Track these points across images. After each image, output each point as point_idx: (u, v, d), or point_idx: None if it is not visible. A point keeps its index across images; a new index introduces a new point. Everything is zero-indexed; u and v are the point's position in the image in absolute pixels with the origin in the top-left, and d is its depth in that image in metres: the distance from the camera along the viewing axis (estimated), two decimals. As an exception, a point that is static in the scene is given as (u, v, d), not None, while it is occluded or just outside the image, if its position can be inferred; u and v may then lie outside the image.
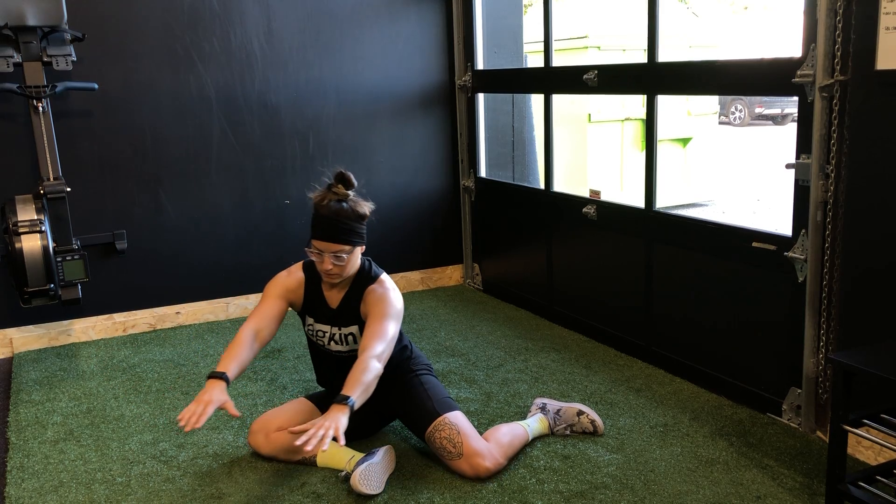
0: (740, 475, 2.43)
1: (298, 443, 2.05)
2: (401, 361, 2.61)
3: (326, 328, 2.55)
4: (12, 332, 3.73)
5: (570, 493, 2.35)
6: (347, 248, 2.39)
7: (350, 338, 2.53)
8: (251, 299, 4.20)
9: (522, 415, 2.88)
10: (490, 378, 3.24)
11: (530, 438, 2.64)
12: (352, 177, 2.46)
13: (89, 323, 3.87)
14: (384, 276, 2.52)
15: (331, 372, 2.61)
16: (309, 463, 2.54)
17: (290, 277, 2.59)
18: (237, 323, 4.06)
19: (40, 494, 2.45)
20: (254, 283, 4.20)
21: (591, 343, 3.64)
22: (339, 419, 2.11)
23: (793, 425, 2.73)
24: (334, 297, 2.53)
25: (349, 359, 2.46)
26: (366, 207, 2.47)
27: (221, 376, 2.28)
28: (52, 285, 3.23)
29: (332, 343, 2.55)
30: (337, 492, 2.40)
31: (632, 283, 3.40)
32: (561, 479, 2.43)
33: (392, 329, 2.40)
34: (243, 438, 2.77)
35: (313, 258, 2.42)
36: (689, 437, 2.68)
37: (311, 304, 2.57)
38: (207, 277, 4.09)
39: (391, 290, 2.47)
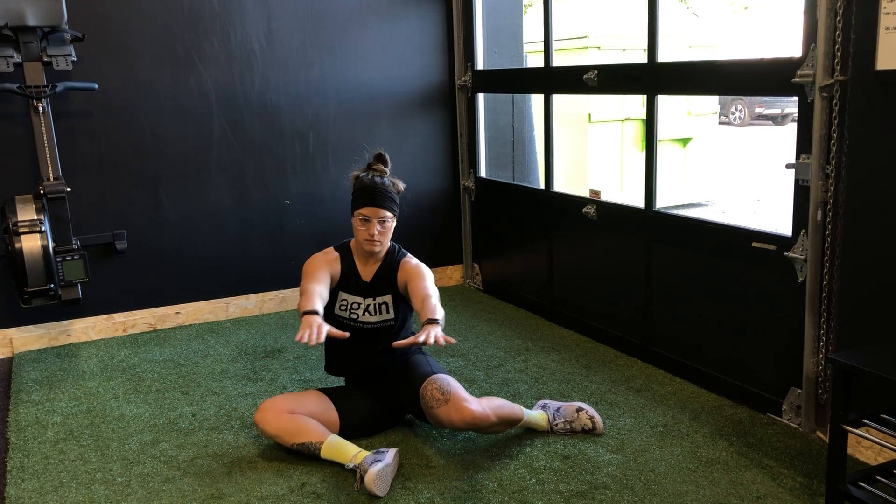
0: (740, 475, 2.43)
1: (421, 339, 2.22)
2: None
3: (360, 299, 2.70)
4: (12, 332, 3.73)
5: (570, 493, 2.36)
6: (391, 214, 2.64)
7: (383, 307, 2.70)
8: (251, 299, 4.20)
9: (522, 415, 2.88)
10: (490, 378, 3.24)
11: (524, 418, 2.66)
12: (388, 157, 2.76)
13: (89, 323, 3.87)
14: (411, 255, 2.77)
15: (359, 348, 2.70)
16: (312, 454, 2.53)
17: (327, 255, 2.73)
18: (237, 323, 4.06)
19: (40, 494, 2.45)
20: (254, 283, 4.20)
21: (591, 343, 3.64)
22: (437, 328, 2.29)
23: (793, 425, 2.73)
24: (367, 271, 2.72)
25: (379, 331, 2.69)
26: (401, 184, 2.73)
27: (315, 312, 2.37)
28: (52, 285, 3.23)
29: (365, 314, 2.70)
30: (337, 492, 2.40)
31: (632, 283, 3.40)
32: (561, 479, 2.43)
33: (436, 291, 2.59)
34: (243, 438, 2.77)
35: (359, 227, 2.62)
36: (689, 437, 2.68)
37: (345, 278, 2.71)
38: (207, 277, 4.09)
39: (423, 264, 2.71)
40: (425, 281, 2.60)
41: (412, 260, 2.72)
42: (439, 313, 2.41)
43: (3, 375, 3.47)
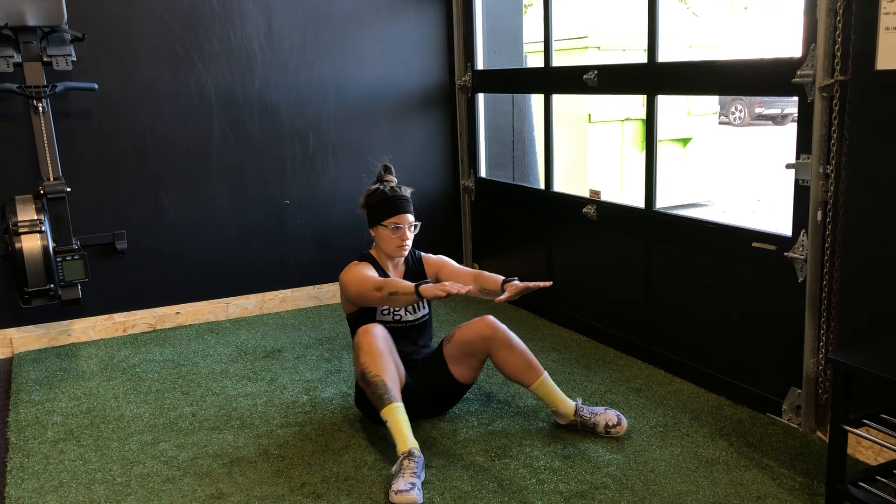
0: (740, 475, 2.43)
1: (532, 285, 2.52)
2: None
3: None
4: (12, 332, 3.73)
5: (570, 493, 2.35)
6: (414, 218, 2.80)
7: (419, 304, 2.84)
8: (251, 299, 4.20)
9: (523, 414, 2.88)
10: (490, 378, 3.24)
11: (543, 376, 2.75)
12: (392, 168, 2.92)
13: (89, 323, 3.87)
14: (420, 251, 2.97)
15: (404, 344, 2.80)
16: (378, 399, 2.48)
17: (362, 265, 2.78)
18: (237, 323, 4.07)
19: (40, 494, 2.45)
20: (254, 283, 4.20)
21: (591, 343, 3.64)
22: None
23: (793, 425, 2.73)
24: (398, 274, 2.88)
25: (417, 327, 2.85)
26: (409, 190, 2.87)
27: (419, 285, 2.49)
28: (52, 285, 3.23)
29: (407, 313, 2.83)
30: (337, 492, 2.40)
31: (632, 284, 3.40)
32: (561, 479, 2.43)
33: None
34: (243, 438, 2.77)
35: (390, 235, 2.75)
36: (689, 437, 2.68)
37: None
38: (207, 277, 4.09)
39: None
40: (455, 264, 2.90)
41: (429, 254, 2.97)
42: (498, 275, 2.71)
43: (3, 375, 3.47)
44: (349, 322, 2.87)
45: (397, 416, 2.45)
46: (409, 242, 2.79)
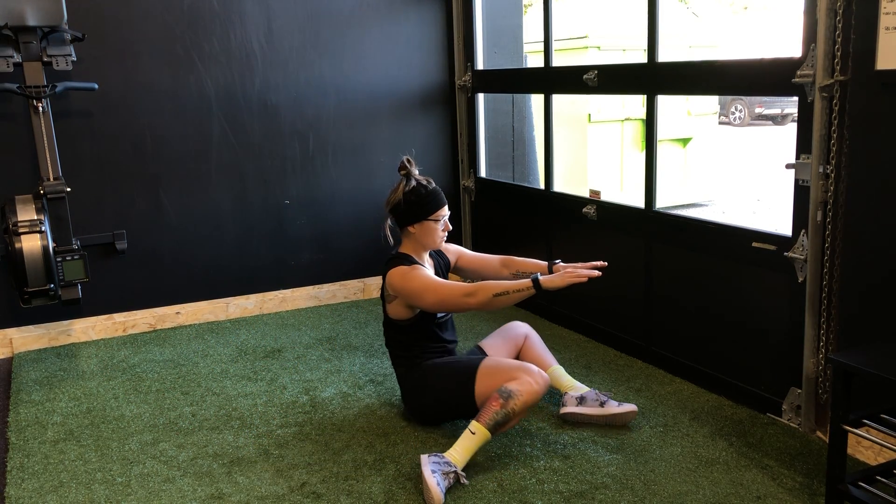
0: (740, 475, 2.43)
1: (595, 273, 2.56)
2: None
3: None
4: (12, 332, 3.73)
5: (570, 493, 2.35)
6: None
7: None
8: (251, 299, 4.20)
9: (522, 415, 2.89)
10: (490, 378, 3.24)
11: (554, 366, 2.91)
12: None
13: (89, 323, 3.87)
14: None
15: (448, 337, 2.85)
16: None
17: (417, 268, 2.73)
18: (237, 323, 4.07)
19: (40, 494, 2.45)
20: (254, 283, 4.20)
21: (591, 343, 3.64)
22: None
23: (793, 425, 2.73)
24: (430, 267, 2.87)
25: (449, 321, 2.87)
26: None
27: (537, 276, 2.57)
28: (52, 285, 3.24)
29: None
30: (337, 492, 2.40)
31: (632, 283, 3.40)
32: (561, 479, 2.43)
33: None
34: (243, 438, 2.77)
35: (437, 228, 2.76)
36: (689, 437, 2.68)
37: None
38: (207, 277, 4.09)
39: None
40: (470, 252, 3.01)
41: (447, 244, 3.00)
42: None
43: (3, 375, 3.47)
44: (400, 328, 2.77)
45: (481, 444, 2.48)
46: None
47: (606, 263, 2.64)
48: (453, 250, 3.01)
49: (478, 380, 2.61)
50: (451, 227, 2.83)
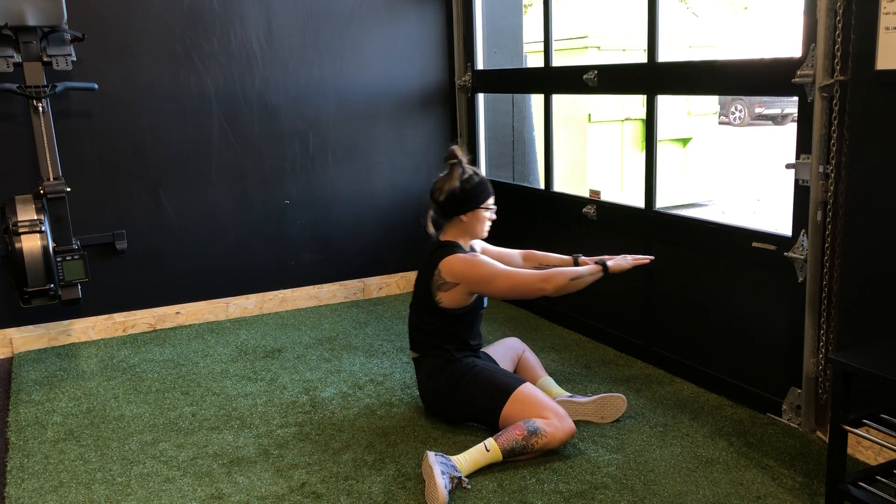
0: (740, 475, 2.43)
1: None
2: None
3: None
4: (12, 332, 3.73)
5: (570, 493, 2.36)
6: None
7: None
8: (251, 299, 4.20)
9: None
10: (490, 378, 3.24)
11: (545, 377, 2.98)
12: None
13: (89, 323, 3.87)
14: None
15: (479, 328, 2.90)
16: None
17: (477, 255, 2.77)
18: (237, 323, 4.07)
19: (40, 494, 2.45)
20: (254, 283, 4.20)
21: (591, 343, 3.64)
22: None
23: (793, 425, 2.73)
24: None
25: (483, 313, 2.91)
26: None
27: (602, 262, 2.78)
28: (52, 285, 3.24)
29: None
30: (337, 492, 2.40)
31: (632, 283, 3.40)
32: (561, 479, 2.43)
33: None
34: (243, 438, 2.77)
35: (487, 217, 2.82)
36: (689, 437, 2.68)
37: None
38: (207, 277, 4.09)
39: None
40: (490, 245, 3.05)
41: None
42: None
43: (3, 375, 3.47)
44: (449, 316, 2.75)
45: (490, 463, 2.48)
46: None
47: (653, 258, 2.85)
48: (480, 245, 3.02)
49: (509, 402, 2.60)
50: (494, 218, 2.86)
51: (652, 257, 2.84)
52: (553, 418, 2.54)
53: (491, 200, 2.82)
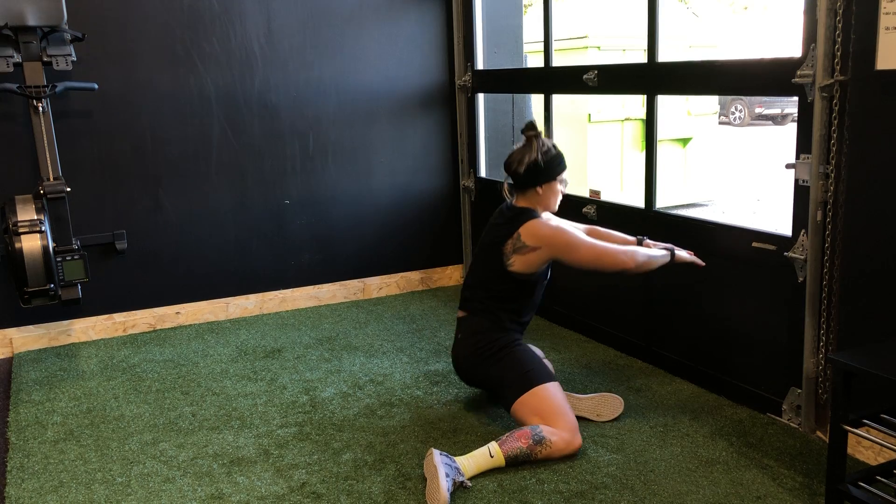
0: (740, 475, 2.43)
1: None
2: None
3: None
4: (12, 332, 3.73)
5: (570, 493, 2.36)
6: None
7: None
8: (251, 299, 4.20)
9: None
10: (490, 378, 3.24)
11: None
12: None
13: (89, 323, 3.87)
14: None
15: (537, 298, 2.88)
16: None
17: (563, 223, 2.87)
18: (237, 323, 4.07)
19: (40, 494, 2.45)
20: (253, 283, 4.20)
21: (591, 343, 3.64)
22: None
23: (793, 425, 2.73)
24: None
25: None
26: None
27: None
28: (52, 285, 3.24)
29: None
30: (337, 492, 2.40)
31: (632, 283, 3.40)
32: (561, 479, 2.43)
33: None
34: (243, 438, 2.77)
35: (560, 190, 2.80)
36: (689, 437, 2.68)
37: None
38: (207, 277, 4.09)
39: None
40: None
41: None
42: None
43: (3, 375, 3.47)
44: (518, 281, 2.74)
45: (493, 468, 2.48)
46: None
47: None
48: (547, 216, 2.96)
49: (529, 393, 2.59)
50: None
51: (703, 263, 2.87)
52: (563, 431, 2.53)
53: (566, 174, 2.81)
